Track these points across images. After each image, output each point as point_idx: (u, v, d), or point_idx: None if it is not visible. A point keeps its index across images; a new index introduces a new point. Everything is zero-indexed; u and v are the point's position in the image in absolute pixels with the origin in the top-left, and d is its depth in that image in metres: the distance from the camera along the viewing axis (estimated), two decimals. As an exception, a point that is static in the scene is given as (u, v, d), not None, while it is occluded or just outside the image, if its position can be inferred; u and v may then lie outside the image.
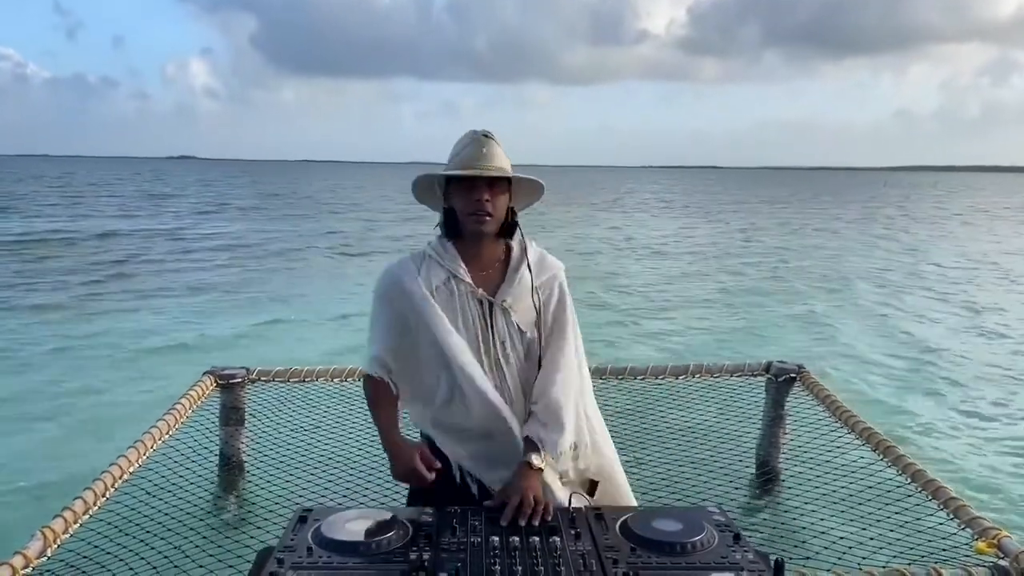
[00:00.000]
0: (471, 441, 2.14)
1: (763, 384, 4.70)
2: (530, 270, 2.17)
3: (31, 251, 19.21)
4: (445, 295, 2.13)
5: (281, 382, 4.61)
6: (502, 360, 2.13)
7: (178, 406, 3.89)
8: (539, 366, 2.16)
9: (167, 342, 9.97)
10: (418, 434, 2.31)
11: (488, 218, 2.09)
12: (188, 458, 4.06)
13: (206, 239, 23.43)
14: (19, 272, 15.64)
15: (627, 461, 4.50)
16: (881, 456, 3.52)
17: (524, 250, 2.21)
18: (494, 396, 2.09)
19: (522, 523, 1.84)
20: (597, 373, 4.79)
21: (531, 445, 2.08)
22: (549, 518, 1.86)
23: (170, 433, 3.69)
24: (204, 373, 4.46)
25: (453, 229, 2.16)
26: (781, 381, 4.55)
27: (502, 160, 2.10)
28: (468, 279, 2.14)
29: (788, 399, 4.56)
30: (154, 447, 3.50)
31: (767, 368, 4.66)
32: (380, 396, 2.19)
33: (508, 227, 2.16)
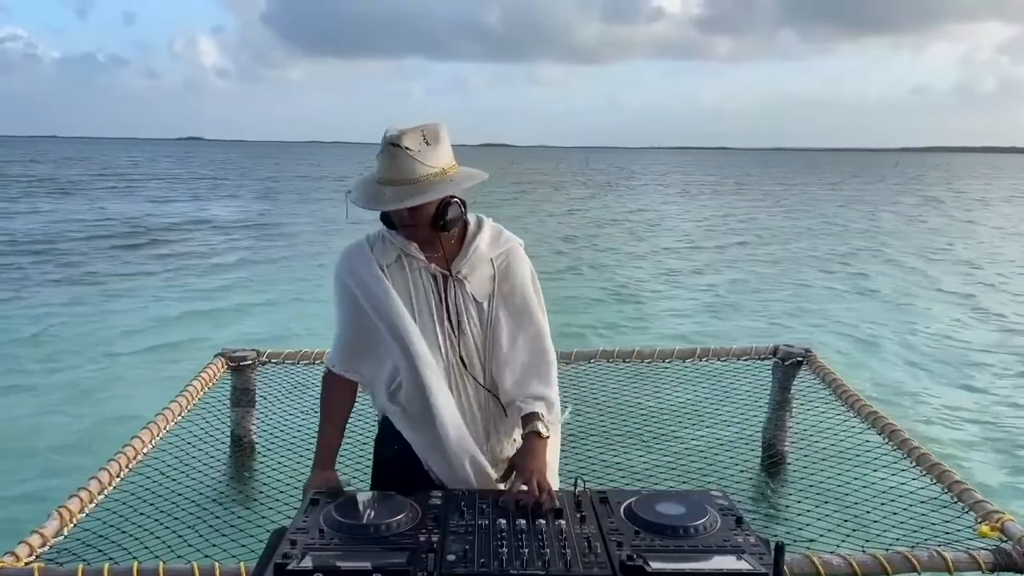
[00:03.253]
0: (424, 428, 2.12)
1: (770, 368, 4.71)
2: (485, 241, 2.19)
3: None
4: (397, 271, 2.14)
5: (291, 364, 4.66)
6: (458, 332, 2.14)
7: (190, 388, 3.94)
8: (494, 337, 2.16)
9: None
10: (378, 418, 2.31)
11: (413, 227, 2.09)
12: (200, 439, 4.13)
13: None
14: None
15: (633, 444, 4.55)
16: (886, 440, 3.54)
17: (480, 223, 2.21)
18: (441, 387, 2.10)
19: (521, 504, 1.86)
20: (604, 356, 4.81)
21: (529, 416, 2.11)
22: (556, 505, 1.85)
23: (182, 415, 3.75)
24: (215, 355, 4.51)
25: (391, 223, 2.15)
26: (788, 365, 4.56)
27: (415, 167, 2.00)
28: (420, 255, 2.14)
29: (795, 383, 4.57)
30: (167, 428, 3.55)
31: (774, 351, 4.67)
32: (335, 388, 2.24)
33: (442, 217, 2.07)
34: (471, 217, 2.20)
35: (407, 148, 1.99)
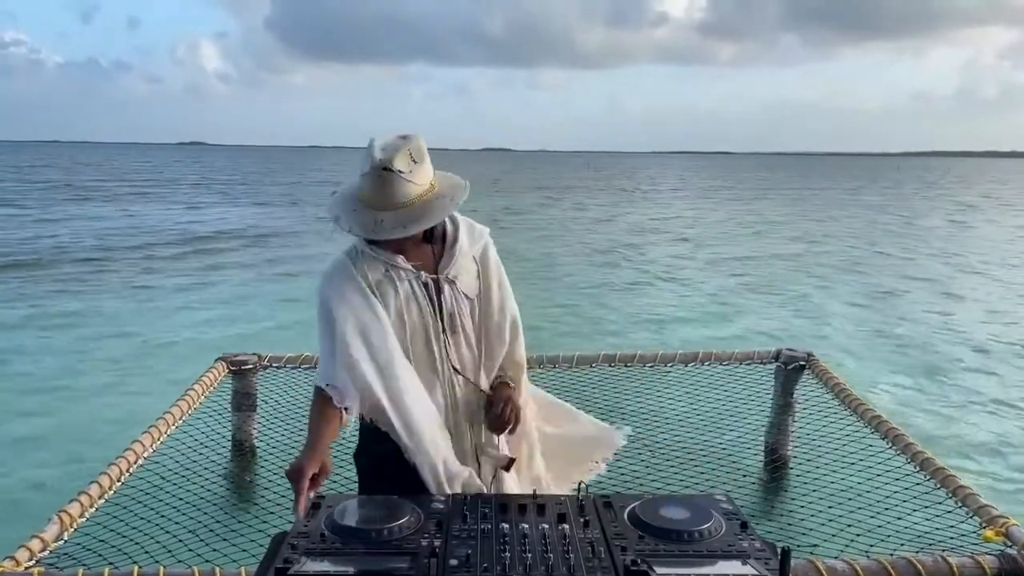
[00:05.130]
0: (413, 432, 2.11)
1: (772, 372, 4.70)
2: (465, 239, 2.20)
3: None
4: (386, 285, 2.10)
5: (292, 368, 4.65)
6: (453, 335, 2.17)
7: (191, 392, 3.93)
8: (487, 332, 2.22)
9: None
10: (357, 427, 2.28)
11: (401, 241, 2.09)
12: (201, 443, 4.12)
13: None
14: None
15: (636, 448, 4.53)
16: (890, 444, 3.53)
17: (455, 222, 2.21)
18: (427, 408, 2.13)
19: (504, 433, 2.17)
20: (606, 360, 4.80)
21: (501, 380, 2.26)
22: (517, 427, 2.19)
23: (183, 419, 3.74)
24: (216, 359, 4.50)
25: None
26: (790, 369, 4.55)
27: (407, 189, 1.99)
28: (407, 265, 2.12)
29: (797, 387, 4.56)
30: (168, 432, 3.55)
31: (776, 356, 4.66)
32: (323, 406, 2.11)
33: (432, 229, 2.13)
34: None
35: (399, 171, 1.97)
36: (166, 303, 11.67)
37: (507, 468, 2.22)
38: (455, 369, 2.17)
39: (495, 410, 2.18)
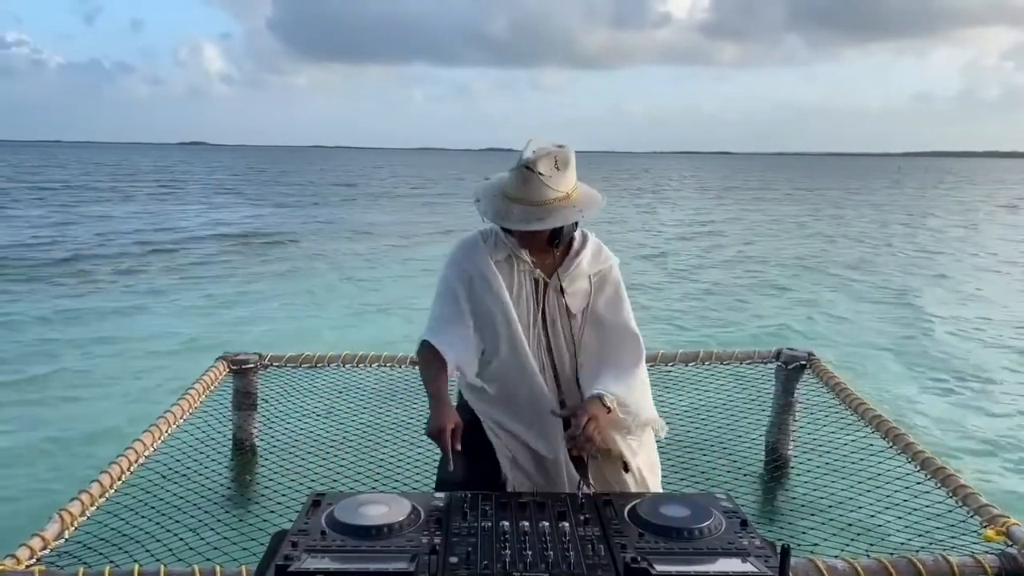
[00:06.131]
0: (503, 406, 2.29)
1: (773, 371, 4.70)
2: (588, 257, 2.34)
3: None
4: (504, 268, 2.30)
5: (293, 367, 4.65)
6: (550, 337, 2.30)
7: (191, 391, 3.93)
8: (583, 349, 2.32)
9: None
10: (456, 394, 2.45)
11: (529, 237, 2.27)
12: (201, 442, 4.12)
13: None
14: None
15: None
16: (891, 444, 3.52)
17: (584, 239, 2.36)
18: (531, 364, 2.25)
19: (573, 453, 2.13)
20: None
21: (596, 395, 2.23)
22: (596, 457, 2.13)
23: (184, 418, 3.74)
24: (217, 358, 4.50)
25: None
26: (791, 368, 4.54)
27: (543, 191, 2.15)
28: (527, 258, 2.30)
29: (798, 386, 4.55)
30: (168, 432, 3.54)
31: (777, 355, 4.65)
32: (432, 359, 2.29)
33: (558, 236, 2.29)
34: (577, 232, 2.36)
35: (540, 173, 2.14)
36: (217, 303, 11.62)
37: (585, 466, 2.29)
38: (553, 366, 2.30)
39: (575, 424, 2.13)
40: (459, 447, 2.10)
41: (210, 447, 4.15)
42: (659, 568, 1.56)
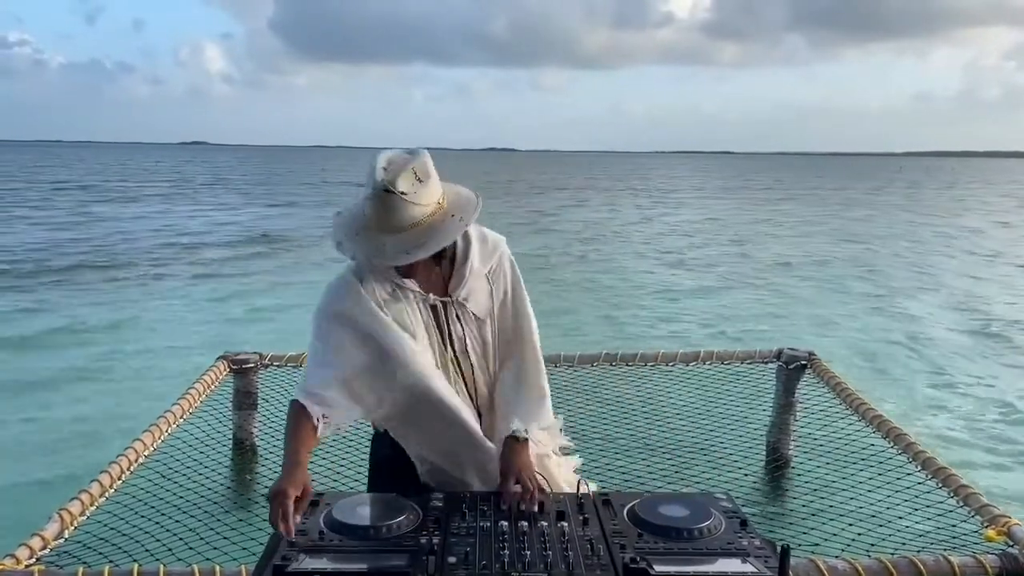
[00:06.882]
0: (431, 444, 2.08)
1: (774, 371, 4.69)
2: (476, 257, 2.07)
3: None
4: (394, 306, 2.00)
5: (294, 367, 4.64)
6: (461, 358, 2.07)
7: (192, 391, 3.93)
8: (497, 350, 2.11)
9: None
10: (372, 431, 2.26)
11: (411, 270, 2.01)
12: (202, 442, 4.12)
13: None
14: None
15: (637, 447, 4.53)
16: (891, 443, 3.52)
17: (467, 237, 2.07)
18: (454, 401, 2.03)
19: (523, 508, 1.83)
20: (607, 359, 4.80)
21: (514, 420, 2.05)
22: (546, 503, 1.84)
23: (184, 417, 3.74)
24: (217, 358, 4.50)
25: None
26: (792, 368, 4.54)
27: (411, 212, 1.87)
28: (414, 286, 2.03)
29: (799, 386, 4.55)
30: (168, 431, 3.54)
31: (778, 355, 4.65)
32: (296, 416, 1.95)
33: (441, 251, 1.98)
34: None
35: (402, 193, 1.85)
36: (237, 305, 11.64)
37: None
38: (467, 390, 2.08)
39: (507, 486, 1.92)
40: (297, 522, 1.72)
41: (210, 447, 4.15)
42: (658, 568, 1.55)
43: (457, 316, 2.06)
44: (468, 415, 2.05)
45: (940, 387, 7.76)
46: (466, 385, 2.09)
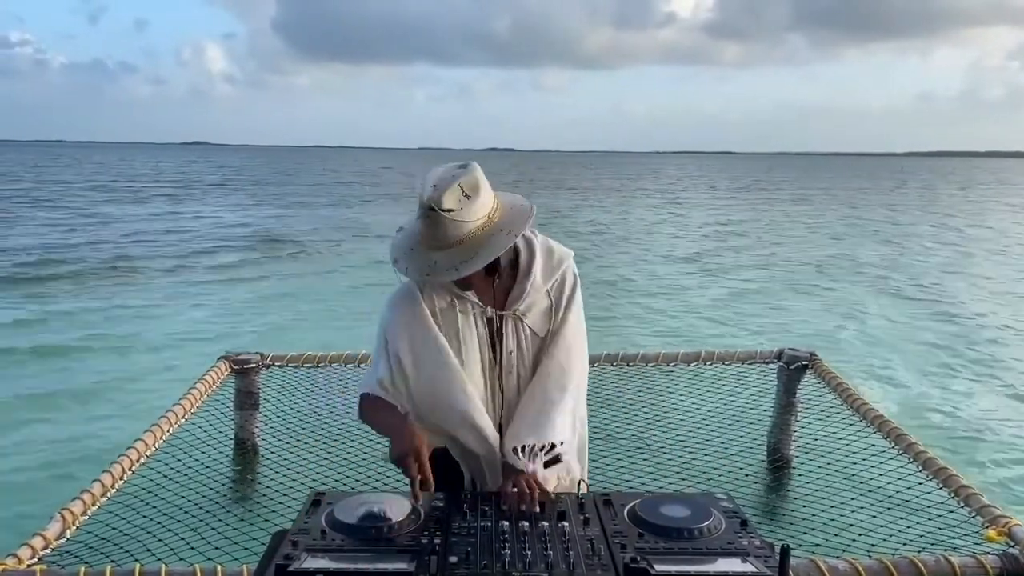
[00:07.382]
0: (460, 451, 2.08)
1: (775, 371, 4.69)
2: (539, 271, 2.06)
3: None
4: (449, 314, 2.04)
5: (295, 367, 4.66)
6: (506, 376, 2.06)
7: (193, 391, 3.94)
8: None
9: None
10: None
11: (468, 283, 2.01)
12: (203, 442, 4.13)
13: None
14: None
15: (638, 447, 4.53)
16: (892, 444, 3.52)
17: (531, 247, 2.07)
18: (491, 433, 2.03)
19: (523, 508, 1.82)
20: (608, 360, 4.80)
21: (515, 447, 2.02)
22: (540, 507, 1.83)
23: (186, 417, 3.74)
24: (219, 358, 4.51)
25: None
26: (793, 368, 4.54)
27: (459, 228, 1.87)
28: (473, 298, 2.04)
29: (800, 386, 4.55)
30: (170, 431, 3.55)
31: (779, 355, 4.65)
32: (379, 403, 2.04)
33: (495, 264, 1.97)
34: (519, 241, 2.04)
35: (448, 211, 1.85)
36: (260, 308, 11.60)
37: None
38: (500, 410, 2.06)
39: (507, 487, 1.89)
40: (430, 477, 1.86)
41: (212, 446, 4.16)
42: (658, 568, 1.55)
43: (512, 331, 2.06)
44: (489, 435, 2.03)
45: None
46: (503, 404, 2.07)
